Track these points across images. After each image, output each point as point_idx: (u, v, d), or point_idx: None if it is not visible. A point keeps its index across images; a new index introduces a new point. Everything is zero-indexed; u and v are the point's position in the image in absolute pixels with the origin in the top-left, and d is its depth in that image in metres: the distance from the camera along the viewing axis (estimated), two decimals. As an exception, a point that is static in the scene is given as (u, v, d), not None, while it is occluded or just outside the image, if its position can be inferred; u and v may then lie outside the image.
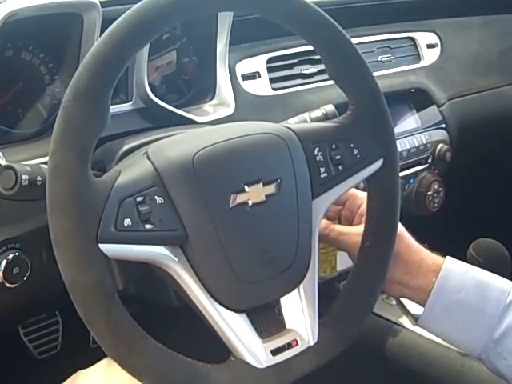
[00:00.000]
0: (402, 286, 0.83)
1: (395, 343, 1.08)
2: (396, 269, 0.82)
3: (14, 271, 0.80)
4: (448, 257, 0.83)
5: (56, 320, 1.17)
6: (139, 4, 0.65)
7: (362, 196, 0.87)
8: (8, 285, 0.80)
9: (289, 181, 0.74)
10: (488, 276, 0.82)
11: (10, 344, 1.13)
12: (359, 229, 0.83)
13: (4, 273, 0.79)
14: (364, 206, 0.84)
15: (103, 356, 0.70)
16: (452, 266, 0.82)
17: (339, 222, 0.90)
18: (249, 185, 0.71)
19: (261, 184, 0.72)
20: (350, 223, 0.89)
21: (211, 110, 1.03)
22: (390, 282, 0.83)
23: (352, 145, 0.79)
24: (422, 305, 0.82)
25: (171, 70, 1.05)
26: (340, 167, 0.78)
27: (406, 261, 0.83)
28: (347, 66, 0.77)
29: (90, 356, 0.88)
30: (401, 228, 0.84)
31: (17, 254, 0.80)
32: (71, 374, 0.88)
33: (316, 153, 0.77)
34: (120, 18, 0.64)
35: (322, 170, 0.77)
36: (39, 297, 0.88)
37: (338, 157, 0.78)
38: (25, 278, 0.81)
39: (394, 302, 1.17)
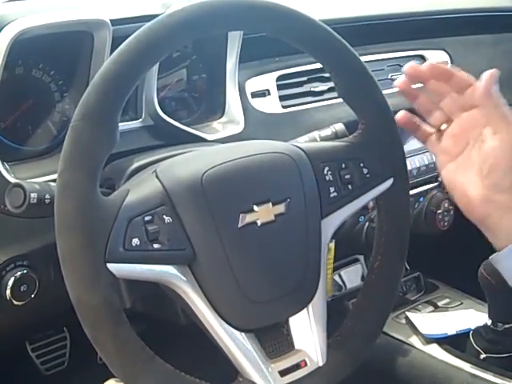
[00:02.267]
0: (500, 209, 0.75)
1: (405, 363, 1.07)
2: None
3: (22, 289, 0.79)
4: None
5: (64, 336, 1.17)
6: (149, 24, 0.65)
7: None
8: (16, 302, 0.79)
9: (298, 200, 0.73)
10: None
11: (18, 359, 1.12)
12: None
13: (12, 290, 0.79)
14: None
15: (110, 373, 0.70)
16: None
17: None
18: (258, 204, 0.71)
19: (270, 203, 0.71)
20: None
21: (220, 128, 1.03)
22: (492, 202, 0.75)
23: (362, 164, 0.78)
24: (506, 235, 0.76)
25: (181, 87, 1.05)
26: (350, 186, 0.77)
27: None
28: (357, 84, 0.77)
29: (97, 372, 0.87)
30: None
31: (25, 271, 0.80)
32: (78, 391, 0.87)
33: (326, 172, 0.76)
34: (130, 38, 0.64)
35: (332, 189, 0.76)
36: (47, 314, 0.88)
37: (347, 176, 0.77)
38: (32, 296, 0.81)
39: (403, 321, 1.17)
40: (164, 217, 0.66)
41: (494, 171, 0.75)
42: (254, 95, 1.10)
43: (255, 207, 0.70)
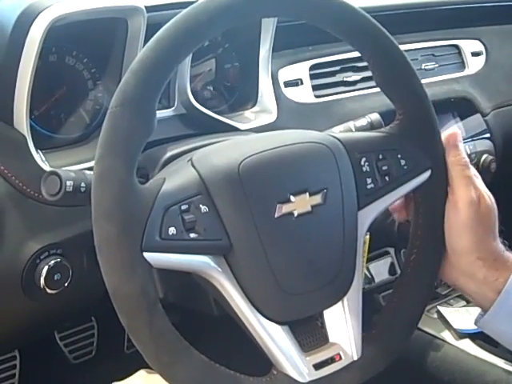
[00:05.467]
0: (463, 274, 0.77)
1: (437, 358, 1.06)
2: (470, 252, 0.75)
3: (56, 277, 0.79)
4: None
5: (91, 325, 1.17)
6: (187, 10, 0.65)
7: None
8: (49, 291, 0.79)
9: (335, 191, 0.72)
10: None
11: (46, 348, 1.13)
12: None
13: (46, 279, 0.79)
14: None
15: (137, 362, 0.69)
16: None
17: None
18: (295, 195, 0.69)
19: (307, 194, 0.70)
20: None
21: (253, 117, 1.02)
22: (454, 264, 0.77)
23: (399, 155, 0.77)
24: (481, 301, 0.77)
25: (213, 76, 1.04)
26: (387, 178, 0.76)
27: (486, 247, 0.76)
28: (396, 74, 0.76)
29: (124, 361, 0.87)
30: (495, 207, 0.77)
31: (58, 259, 0.80)
32: (105, 380, 0.87)
33: (363, 163, 0.75)
34: (168, 24, 0.64)
35: (369, 180, 0.75)
36: (78, 303, 0.88)
37: (384, 167, 0.76)
38: (66, 284, 0.81)
39: (435, 316, 1.15)
40: (200, 206, 0.66)
41: (449, 234, 0.77)
42: (287, 84, 1.09)
43: (292, 197, 0.69)
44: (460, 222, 0.76)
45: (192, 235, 0.65)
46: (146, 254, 0.62)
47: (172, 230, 0.63)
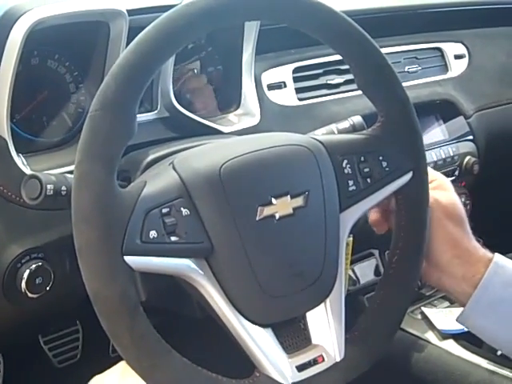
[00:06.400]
0: (443, 273, 0.80)
1: (420, 359, 1.06)
2: (446, 250, 0.79)
3: (37, 281, 0.79)
4: (497, 253, 0.80)
5: (76, 329, 1.17)
6: (168, 13, 0.65)
7: None
8: (30, 295, 0.79)
9: (317, 193, 0.72)
10: None
11: (30, 352, 1.12)
12: None
13: (27, 283, 0.78)
14: None
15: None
16: (502, 261, 0.78)
17: None
18: (276, 197, 0.70)
19: (288, 196, 0.70)
20: None
21: (236, 120, 1.03)
22: (433, 264, 0.80)
23: (381, 157, 0.77)
24: (462, 298, 0.79)
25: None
26: (368, 180, 0.76)
27: (460, 245, 0.79)
28: (377, 77, 0.76)
29: (109, 365, 0.87)
30: (462, 210, 0.81)
31: (40, 263, 0.79)
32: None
33: (344, 165, 0.75)
34: (149, 27, 0.64)
35: (351, 182, 0.75)
36: (61, 306, 0.88)
37: (366, 169, 0.76)
38: (47, 288, 0.80)
39: (419, 317, 1.15)
40: (181, 209, 0.66)
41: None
42: (270, 87, 1.09)
43: (273, 200, 0.69)
44: (432, 222, 0.79)
45: (173, 238, 0.65)
46: (127, 258, 0.62)
47: (153, 234, 0.63)
